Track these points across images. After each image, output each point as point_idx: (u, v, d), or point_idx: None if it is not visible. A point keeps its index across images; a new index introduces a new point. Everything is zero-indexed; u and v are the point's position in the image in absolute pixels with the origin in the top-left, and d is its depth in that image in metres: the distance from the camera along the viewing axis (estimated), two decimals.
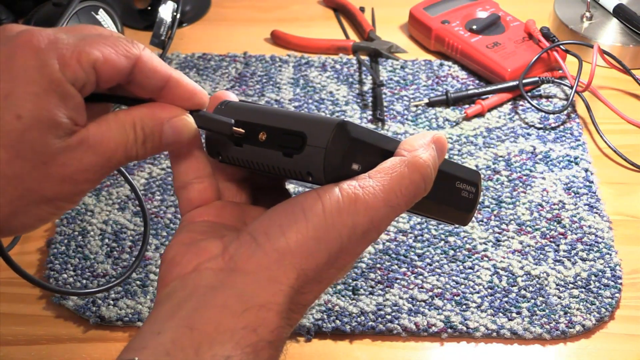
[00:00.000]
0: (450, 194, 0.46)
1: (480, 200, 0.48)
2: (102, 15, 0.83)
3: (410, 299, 0.64)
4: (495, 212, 0.72)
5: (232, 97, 0.45)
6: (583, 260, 0.67)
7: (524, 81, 0.84)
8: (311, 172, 0.40)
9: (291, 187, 0.51)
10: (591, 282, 0.66)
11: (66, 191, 0.39)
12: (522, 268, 0.67)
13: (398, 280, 0.66)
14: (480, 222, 0.71)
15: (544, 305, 0.64)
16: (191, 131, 0.42)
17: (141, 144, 0.41)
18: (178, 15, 0.90)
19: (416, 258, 0.68)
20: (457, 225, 0.48)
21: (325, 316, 0.63)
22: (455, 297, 0.65)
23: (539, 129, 0.81)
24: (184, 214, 0.44)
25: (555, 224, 0.71)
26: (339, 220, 0.39)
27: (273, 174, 0.42)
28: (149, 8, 0.97)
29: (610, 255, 0.68)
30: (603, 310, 0.63)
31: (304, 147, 0.40)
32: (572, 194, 0.74)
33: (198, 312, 0.38)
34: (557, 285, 0.65)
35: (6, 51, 0.38)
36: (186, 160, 0.44)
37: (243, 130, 0.42)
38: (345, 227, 0.39)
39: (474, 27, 0.91)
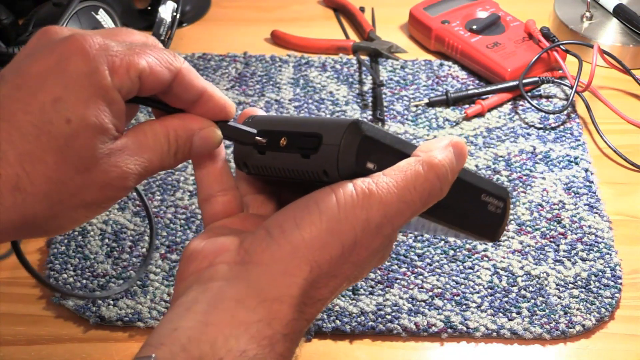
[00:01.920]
0: (475, 206, 0.46)
1: (509, 217, 0.48)
2: (102, 15, 0.83)
3: (410, 299, 0.64)
4: None
5: (260, 112, 0.47)
6: (583, 260, 0.67)
7: (524, 81, 0.84)
8: (327, 171, 0.40)
9: None
10: (591, 282, 0.66)
11: (104, 197, 0.40)
12: (522, 268, 0.67)
13: (398, 280, 0.66)
14: None
15: (544, 305, 0.64)
16: (218, 141, 0.43)
17: (173, 155, 0.42)
18: (178, 15, 0.90)
19: (416, 258, 0.68)
20: (486, 241, 0.49)
21: (325, 316, 0.63)
22: (455, 297, 0.65)
23: (539, 129, 0.81)
24: (207, 225, 0.45)
25: (555, 224, 0.71)
26: (352, 214, 0.39)
27: (294, 178, 0.43)
28: (149, 8, 0.97)
29: (610, 255, 0.68)
30: (603, 310, 0.63)
31: (319, 147, 0.41)
32: (572, 194, 0.74)
33: (213, 307, 0.38)
34: (557, 285, 0.65)
35: (57, 56, 0.38)
36: (210, 172, 0.45)
37: (265, 140, 0.44)
38: (359, 220, 0.39)
39: (474, 27, 0.91)
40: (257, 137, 0.44)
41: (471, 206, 0.46)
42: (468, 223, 0.47)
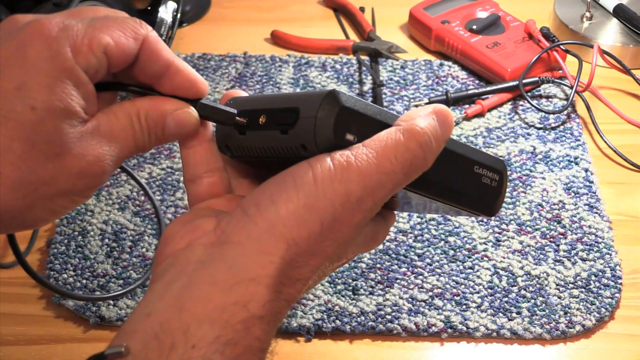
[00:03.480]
0: (468, 179, 0.44)
1: (506, 190, 0.46)
2: None
3: (410, 299, 0.64)
4: None
5: (243, 94, 0.45)
6: (583, 260, 0.67)
7: (524, 81, 0.84)
8: (305, 145, 0.39)
9: None
10: (591, 282, 0.66)
11: (80, 184, 0.39)
12: (522, 268, 0.67)
13: (398, 280, 0.66)
14: (480, 222, 0.71)
15: (544, 305, 0.64)
16: (193, 124, 0.42)
17: (147, 136, 0.41)
18: (178, 15, 0.90)
19: (416, 258, 0.68)
20: (483, 217, 0.47)
21: (325, 316, 0.63)
22: (455, 297, 0.65)
23: (539, 129, 0.81)
24: (192, 206, 0.44)
25: (555, 224, 0.71)
26: (330, 188, 0.37)
27: (275, 157, 0.41)
28: (149, 8, 0.97)
29: (610, 255, 0.68)
30: (603, 310, 0.63)
31: (297, 121, 0.39)
32: (572, 194, 0.74)
33: (187, 290, 0.37)
34: (557, 285, 0.65)
35: (17, 42, 0.37)
36: (197, 153, 0.43)
37: (245, 120, 0.42)
38: (338, 195, 0.37)
39: (474, 27, 0.91)
40: (237, 118, 0.42)
41: (464, 179, 0.44)
42: (461, 197, 0.44)
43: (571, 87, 0.83)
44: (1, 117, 0.36)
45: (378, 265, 0.67)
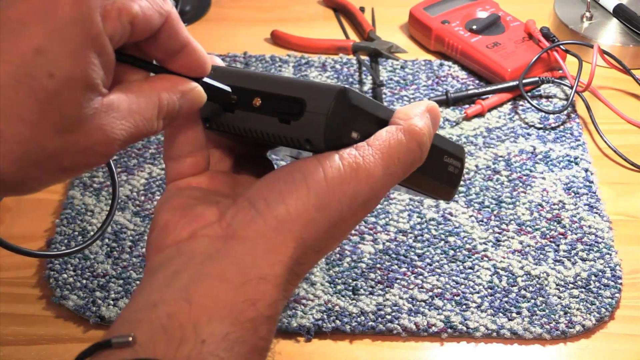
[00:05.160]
0: (439, 167, 0.46)
1: (463, 176, 0.48)
2: None
3: (410, 299, 0.64)
4: (495, 212, 0.72)
5: (218, 61, 0.44)
6: (583, 260, 0.67)
7: (524, 81, 0.84)
8: (310, 139, 0.39)
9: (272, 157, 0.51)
10: (591, 282, 0.66)
11: (82, 162, 0.36)
12: (522, 268, 0.67)
13: (398, 280, 0.66)
14: (480, 222, 0.71)
15: (544, 305, 0.64)
16: (203, 102, 0.40)
17: (161, 117, 0.38)
18: None
19: (416, 258, 0.68)
20: (441, 200, 0.48)
21: (325, 316, 0.63)
22: (455, 297, 0.65)
23: (539, 129, 0.81)
24: (171, 182, 0.42)
25: (555, 224, 0.71)
26: (339, 189, 0.38)
27: (264, 141, 0.41)
28: None
29: (610, 255, 0.68)
30: (603, 310, 0.63)
31: (302, 114, 0.39)
32: (572, 194, 0.74)
33: (195, 283, 0.36)
34: (557, 285, 0.65)
35: None
36: (183, 132, 0.42)
37: (236, 97, 0.41)
38: (346, 195, 0.38)
39: (474, 27, 0.91)
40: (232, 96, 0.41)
41: (435, 168, 0.45)
42: (431, 185, 0.46)
43: (571, 87, 0.83)
44: (14, 80, 0.33)
45: (378, 265, 0.67)
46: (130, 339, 0.34)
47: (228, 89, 0.41)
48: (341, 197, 0.38)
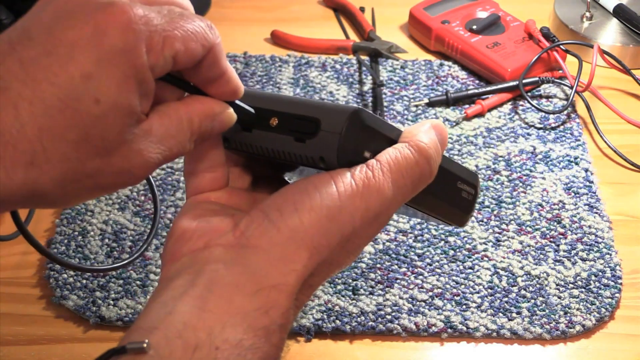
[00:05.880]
0: (452, 192, 0.47)
1: (477, 203, 0.49)
2: None
3: (410, 299, 0.64)
4: (495, 212, 0.72)
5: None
6: (583, 260, 0.67)
7: (524, 81, 0.84)
8: (324, 157, 0.40)
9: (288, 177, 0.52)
10: (591, 282, 0.66)
11: (118, 182, 0.37)
12: (522, 268, 0.67)
13: (398, 280, 0.66)
14: (480, 222, 0.71)
15: (544, 305, 0.64)
16: (232, 123, 0.41)
17: (193, 140, 0.39)
18: None
19: (416, 258, 0.68)
20: (455, 226, 0.49)
21: (325, 316, 0.63)
22: (455, 297, 0.65)
23: (539, 129, 0.81)
24: (191, 197, 0.44)
25: (555, 224, 0.71)
26: (351, 203, 0.39)
27: (280, 160, 0.43)
28: None
29: (610, 255, 0.68)
30: (603, 310, 0.63)
31: (317, 133, 0.40)
32: (572, 194, 0.74)
33: (210, 291, 0.37)
34: (557, 285, 0.65)
35: (94, 26, 0.34)
36: (204, 148, 0.43)
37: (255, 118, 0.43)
38: (359, 210, 0.39)
39: (474, 27, 0.91)
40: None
41: (448, 193, 0.47)
42: (442, 209, 0.48)
43: (571, 87, 0.83)
44: (61, 103, 0.34)
45: (378, 265, 0.67)
46: (145, 345, 0.35)
47: (251, 110, 0.43)
48: (353, 211, 0.39)
